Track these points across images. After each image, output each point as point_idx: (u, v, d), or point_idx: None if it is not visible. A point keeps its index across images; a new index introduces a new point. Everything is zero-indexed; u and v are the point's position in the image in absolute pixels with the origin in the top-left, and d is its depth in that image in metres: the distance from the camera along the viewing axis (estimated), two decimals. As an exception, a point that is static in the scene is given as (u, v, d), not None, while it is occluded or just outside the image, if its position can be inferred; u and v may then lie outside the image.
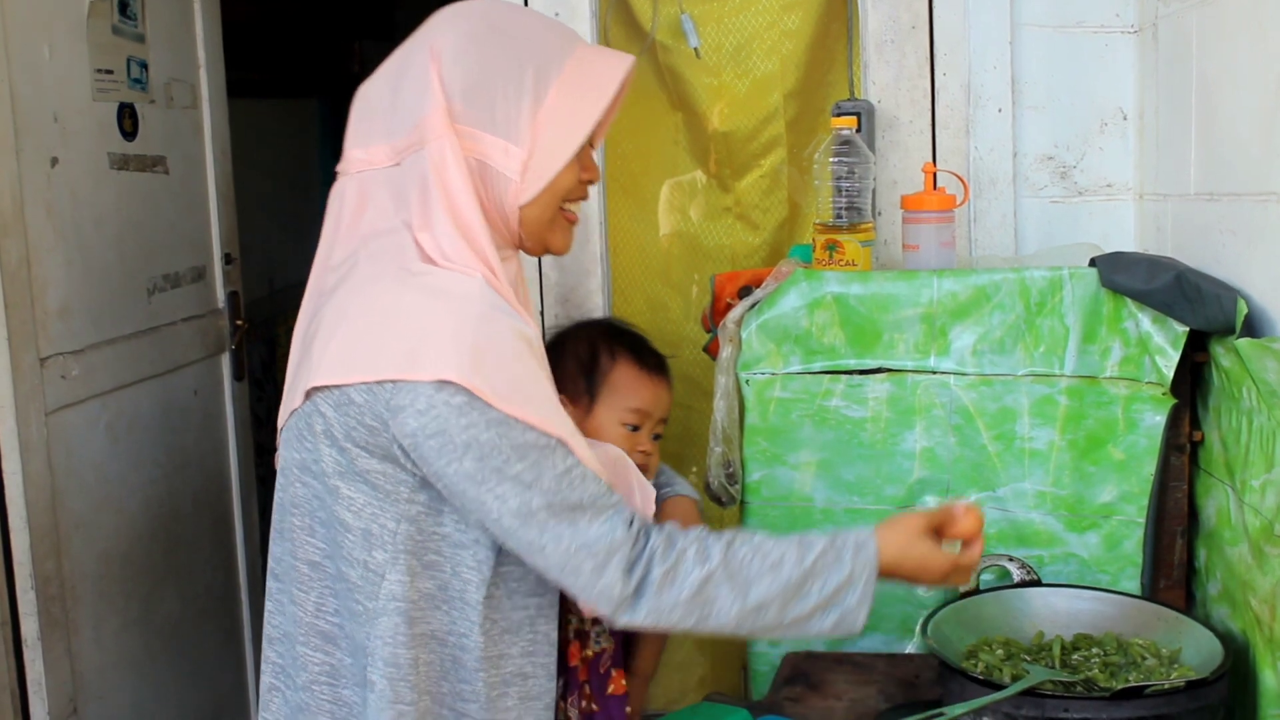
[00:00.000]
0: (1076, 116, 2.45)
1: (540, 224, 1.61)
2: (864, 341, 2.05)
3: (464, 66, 1.53)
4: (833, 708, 1.88)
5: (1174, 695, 1.57)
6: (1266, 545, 1.68)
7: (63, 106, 2.52)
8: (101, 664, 2.59)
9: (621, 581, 1.49)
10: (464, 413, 1.44)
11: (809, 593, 1.53)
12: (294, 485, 1.58)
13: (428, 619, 1.55)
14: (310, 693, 1.58)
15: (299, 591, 1.58)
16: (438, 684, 1.57)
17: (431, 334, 1.46)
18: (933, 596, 2.06)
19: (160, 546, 2.84)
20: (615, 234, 2.77)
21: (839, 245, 2.12)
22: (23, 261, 2.35)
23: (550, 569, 1.50)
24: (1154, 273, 1.91)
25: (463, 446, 1.45)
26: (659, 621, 1.52)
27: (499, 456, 1.46)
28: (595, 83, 1.57)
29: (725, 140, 2.74)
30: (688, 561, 1.51)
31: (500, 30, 1.57)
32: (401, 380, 1.45)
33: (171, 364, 2.94)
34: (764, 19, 2.66)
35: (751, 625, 1.54)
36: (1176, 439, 1.98)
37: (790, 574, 1.53)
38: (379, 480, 1.51)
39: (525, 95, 1.53)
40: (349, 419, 1.49)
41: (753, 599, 1.52)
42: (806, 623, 1.55)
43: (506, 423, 1.46)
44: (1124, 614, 1.84)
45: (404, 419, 1.45)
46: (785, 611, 1.53)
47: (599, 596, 1.49)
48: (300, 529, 1.58)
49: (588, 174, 1.65)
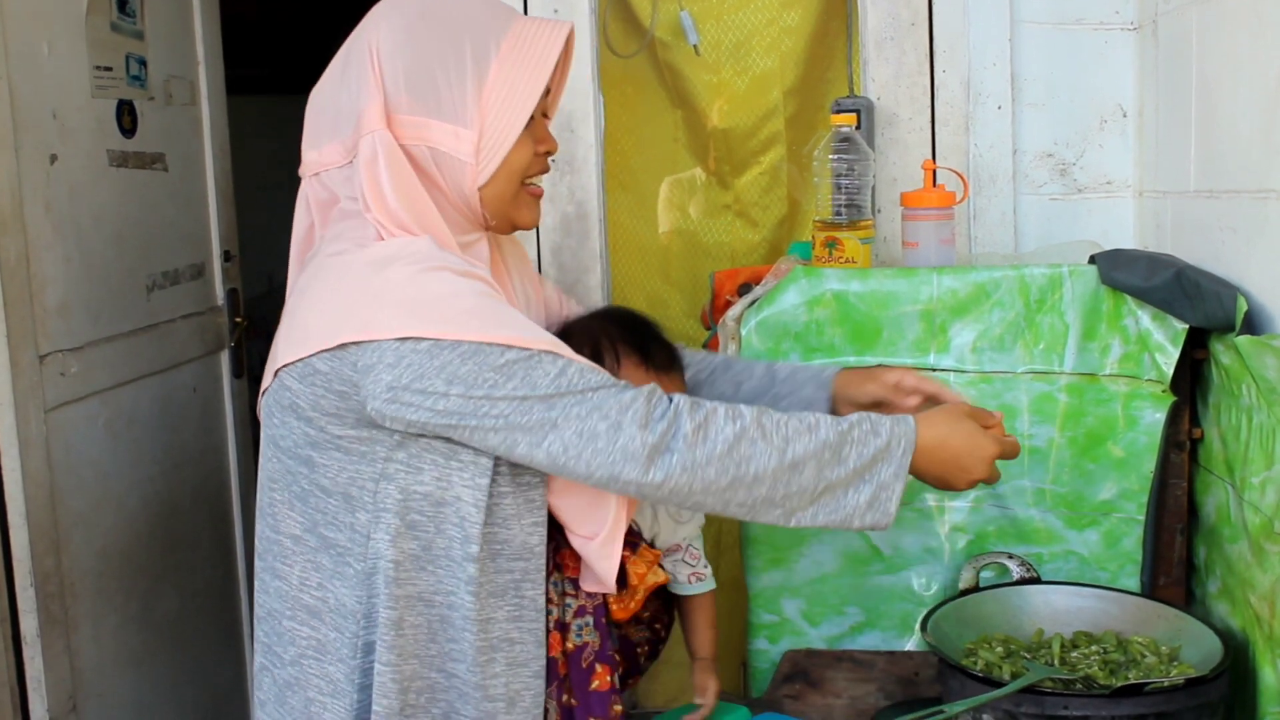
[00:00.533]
0: (1076, 113, 2.45)
1: (503, 202, 1.62)
2: (863, 339, 2.05)
3: (403, 58, 1.55)
4: (832, 705, 1.88)
5: (1173, 693, 1.57)
6: (1266, 542, 1.68)
7: (61, 103, 2.52)
8: (101, 661, 2.59)
9: (640, 434, 1.47)
10: (434, 354, 1.46)
11: (846, 458, 1.52)
12: (270, 462, 1.60)
13: (413, 580, 1.55)
14: (299, 667, 1.59)
15: (283, 566, 1.60)
16: (425, 646, 1.57)
17: (385, 293, 1.48)
18: (932, 594, 2.06)
19: (159, 543, 2.84)
20: (615, 231, 2.77)
21: (838, 242, 2.12)
22: (21, 259, 2.35)
23: (566, 452, 1.47)
24: (1154, 270, 1.91)
25: (445, 384, 1.46)
26: (693, 480, 1.48)
27: (485, 384, 1.46)
28: (535, 55, 1.58)
29: (725, 137, 2.74)
30: (719, 418, 1.51)
31: (433, 16, 1.58)
32: (364, 341, 1.47)
33: (171, 361, 2.93)
34: (763, 16, 2.66)
35: (787, 487, 1.51)
36: (1176, 436, 1.98)
37: (826, 435, 1.52)
38: (352, 444, 1.52)
39: (467, 77, 1.55)
40: (315, 389, 1.51)
41: (789, 456, 1.50)
42: (841, 494, 1.52)
43: (482, 350, 1.46)
44: (1124, 611, 1.84)
45: (377, 375, 1.46)
46: (821, 474, 1.51)
47: (621, 456, 1.47)
48: (280, 503, 1.59)
49: (544, 146, 1.65)
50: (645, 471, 1.47)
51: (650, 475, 1.47)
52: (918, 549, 2.08)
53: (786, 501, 1.52)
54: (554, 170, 2.59)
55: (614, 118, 2.74)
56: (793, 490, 1.51)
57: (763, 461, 1.49)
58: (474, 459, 1.54)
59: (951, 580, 2.04)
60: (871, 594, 2.09)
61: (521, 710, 1.61)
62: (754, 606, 2.14)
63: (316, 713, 1.58)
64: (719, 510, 1.54)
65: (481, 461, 1.54)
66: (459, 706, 1.59)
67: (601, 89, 2.64)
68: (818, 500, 1.52)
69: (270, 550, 1.61)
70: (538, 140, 1.64)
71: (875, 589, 2.09)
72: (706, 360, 1.95)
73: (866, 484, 1.53)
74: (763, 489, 1.50)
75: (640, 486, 1.49)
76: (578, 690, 1.77)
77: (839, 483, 1.52)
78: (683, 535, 1.90)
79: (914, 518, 2.07)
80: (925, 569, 2.08)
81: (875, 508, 1.54)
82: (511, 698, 1.60)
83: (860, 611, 2.10)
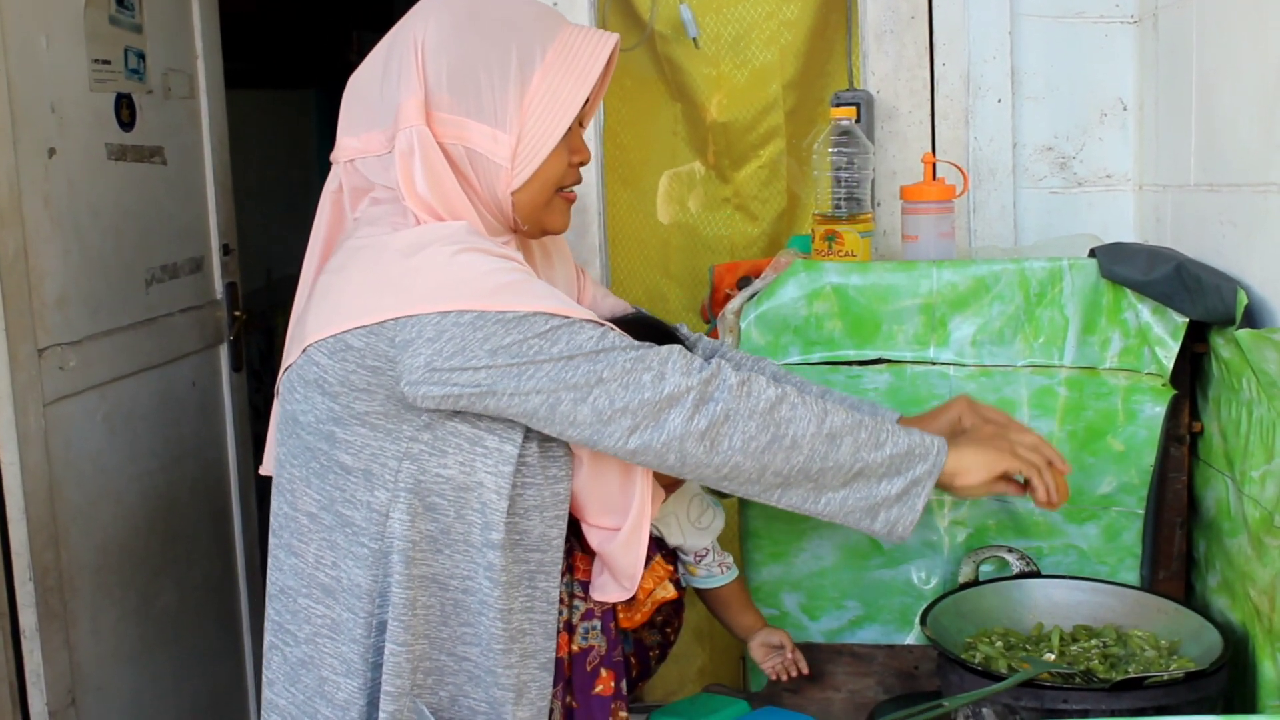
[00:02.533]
0: (1076, 107, 2.45)
1: (535, 208, 1.63)
2: (863, 332, 2.05)
3: (447, 56, 1.55)
4: (831, 699, 1.89)
5: (1173, 686, 1.57)
6: (1266, 536, 1.67)
7: (60, 97, 2.51)
8: (100, 655, 2.59)
9: (684, 379, 1.48)
10: (477, 326, 1.47)
11: (883, 442, 1.53)
12: (289, 439, 1.60)
13: (428, 561, 1.56)
14: (313, 645, 1.60)
15: (299, 543, 1.60)
16: (437, 628, 1.58)
17: (423, 270, 1.49)
18: (932, 588, 2.06)
19: (158, 537, 2.84)
20: (614, 224, 2.76)
21: (838, 236, 2.12)
22: (20, 252, 2.35)
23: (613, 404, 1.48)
24: (1154, 263, 1.91)
25: (489, 355, 1.47)
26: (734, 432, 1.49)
27: (530, 349, 1.47)
28: (580, 64, 1.58)
29: (724, 131, 2.74)
30: (761, 380, 1.53)
31: (482, 17, 1.57)
32: (403, 316, 1.47)
33: (169, 355, 2.93)
34: (763, 9, 2.66)
35: (824, 460, 1.51)
36: (1176, 430, 1.98)
37: (865, 417, 1.54)
38: (379, 421, 1.53)
39: (510, 81, 1.55)
40: (346, 364, 1.51)
41: (828, 426, 1.51)
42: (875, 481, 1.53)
43: (524, 319, 1.48)
44: (1123, 605, 1.84)
45: (415, 350, 1.47)
46: (858, 454, 1.52)
47: (667, 403, 1.48)
48: (298, 480, 1.60)
49: (578, 156, 1.66)
50: (690, 418, 1.48)
51: (695, 422, 1.48)
52: (917, 543, 2.07)
53: (821, 476, 1.53)
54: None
55: (613, 111, 2.74)
56: (829, 464, 1.52)
57: (802, 426, 1.51)
58: (499, 446, 1.55)
59: (951, 574, 2.04)
60: (871, 588, 2.09)
61: (528, 702, 1.62)
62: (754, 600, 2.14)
63: (330, 691, 1.58)
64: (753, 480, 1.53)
65: (506, 450, 1.55)
66: (468, 690, 1.60)
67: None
68: (850, 483, 1.53)
69: (287, 527, 1.62)
70: (573, 150, 1.64)
71: (875, 583, 2.09)
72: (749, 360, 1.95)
73: (900, 477, 1.54)
74: (800, 457, 1.51)
75: (684, 436, 1.48)
76: (580, 693, 1.77)
77: (873, 467, 1.53)
78: (706, 541, 1.93)
79: (913, 511, 2.07)
80: (925, 563, 2.08)
81: (904, 502, 1.55)
82: (520, 688, 1.61)
83: (860, 605, 2.10)
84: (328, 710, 1.58)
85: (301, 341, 1.55)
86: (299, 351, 1.56)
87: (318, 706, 1.59)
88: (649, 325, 1.90)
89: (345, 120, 1.64)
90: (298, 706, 1.61)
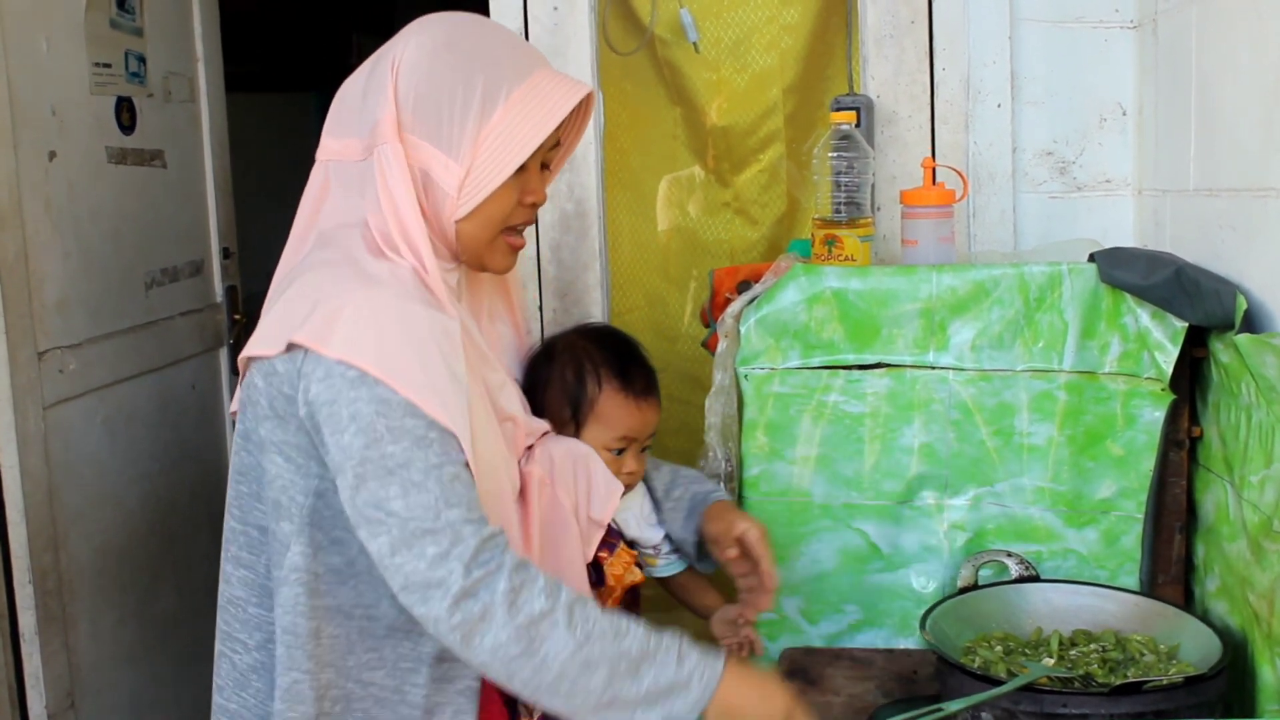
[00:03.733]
0: (1076, 111, 2.45)
1: (477, 243, 1.63)
2: (863, 337, 2.05)
3: (417, 80, 1.57)
4: (831, 703, 1.88)
5: (1172, 691, 1.57)
6: (1265, 541, 1.67)
7: (60, 100, 2.51)
8: (99, 658, 2.59)
9: (462, 573, 1.43)
10: (355, 386, 1.46)
11: (642, 676, 1.46)
12: (240, 455, 1.63)
13: (333, 593, 1.57)
14: (265, 652, 1.62)
15: (249, 555, 1.63)
16: (343, 658, 1.59)
17: (346, 312, 1.48)
18: (931, 592, 2.06)
19: (157, 540, 2.84)
20: (614, 229, 2.76)
21: (838, 240, 2.12)
22: (20, 255, 2.35)
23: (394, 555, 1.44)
24: (1153, 268, 1.91)
25: (348, 419, 1.46)
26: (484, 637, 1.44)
27: (374, 432, 1.46)
28: (544, 107, 1.58)
29: (724, 135, 2.74)
30: (536, 588, 1.46)
31: (457, 47, 1.59)
32: (312, 349, 1.48)
33: (169, 358, 2.94)
34: (763, 14, 2.66)
35: (573, 684, 1.45)
36: (1175, 434, 1.98)
37: (629, 647, 1.47)
38: (292, 453, 1.54)
39: (470, 113, 1.56)
40: (273, 389, 1.53)
41: (585, 654, 1.45)
42: (629, 711, 1.46)
43: (391, 403, 1.46)
44: (1122, 610, 1.84)
45: (308, 385, 1.48)
46: (611, 685, 1.45)
47: (436, 584, 1.43)
48: (247, 496, 1.62)
49: (532, 197, 1.65)
50: (450, 612, 1.43)
51: (453, 615, 1.43)
52: (917, 547, 2.07)
53: (571, 699, 1.47)
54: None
55: (613, 115, 2.74)
56: (578, 689, 1.46)
57: (558, 646, 1.44)
58: None
59: (950, 578, 2.04)
60: (870, 592, 2.09)
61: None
62: (753, 604, 2.14)
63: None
64: (504, 682, 1.48)
65: None
66: (374, 713, 1.61)
67: (601, 86, 2.64)
68: (604, 710, 1.47)
69: (236, 540, 1.65)
70: (526, 190, 1.64)
71: (874, 587, 2.09)
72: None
73: (656, 710, 1.47)
74: (549, 675, 1.45)
75: (437, 622, 1.45)
76: None
77: (629, 700, 1.46)
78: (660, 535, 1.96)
79: (913, 516, 2.07)
80: (924, 567, 2.08)
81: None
82: (430, 709, 1.61)
83: (859, 609, 2.10)
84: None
85: (245, 353, 1.58)
86: (244, 369, 1.59)
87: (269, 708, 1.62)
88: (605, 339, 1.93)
89: (330, 122, 1.66)
90: (250, 710, 1.64)
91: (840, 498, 2.09)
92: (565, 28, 2.57)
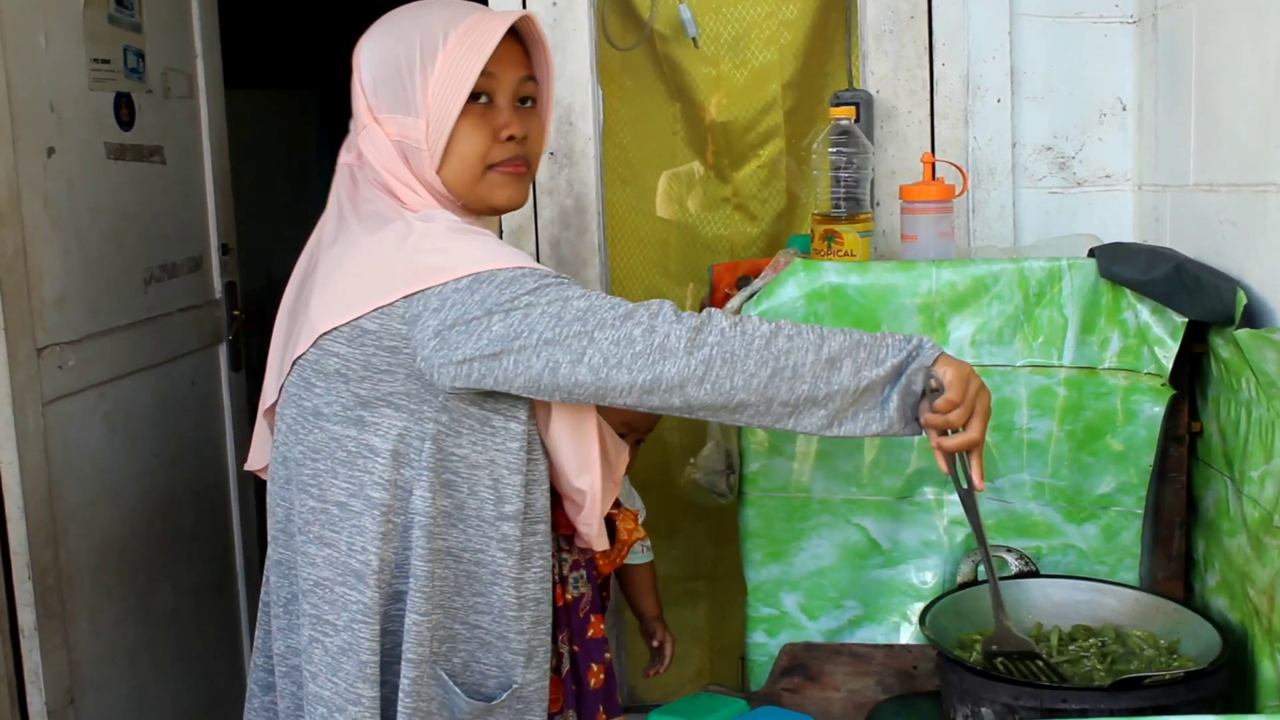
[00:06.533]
0: (1075, 107, 2.45)
1: (464, 184, 1.69)
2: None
3: (372, 63, 1.69)
4: (830, 699, 1.89)
5: (1172, 686, 1.57)
6: (1265, 536, 1.67)
7: (59, 96, 2.51)
8: (98, 654, 2.59)
9: (674, 328, 1.53)
10: (473, 289, 1.55)
11: (882, 358, 1.57)
12: (311, 434, 1.65)
13: (444, 535, 1.64)
14: (351, 632, 1.64)
15: (331, 533, 1.65)
16: (451, 599, 1.66)
17: (419, 249, 1.59)
18: (930, 588, 2.06)
19: (157, 537, 2.84)
20: (613, 224, 2.76)
21: (837, 236, 2.12)
22: (19, 252, 2.35)
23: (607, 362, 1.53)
24: (1153, 263, 1.91)
25: (485, 313, 1.54)
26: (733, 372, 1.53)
27: (522, 304, 1.54)
28: (477, 40, 1.65)
29: (723, 130, 2.74)
30: (753, 321, 1.56)
31: (397, 21, 1.70)
32: (411, 294, 1.56)
33: (168, 354, 2.93)
34: (762, 9, 2.66)
35: (828, 385, 1.55)
36: (1175, 430, 1.98)
37: (861, 337, 1.58)
38: (403, 401, 1.60)
39: (415, 69, 1.65)
40: (365, 349, 1.59)
41: (827, 351, 1.55)
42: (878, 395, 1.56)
43: (515, 278, 1.55)
44: (1122, 605, 1.84)
45: (424, 322, 1.56)
46: (859, 373, 1.55)
47: (660, 353, 1.52)
48: (324, 473, 1.65)
49: (506, 130, 1.69)
50: (686, 364, 1.52)
51: (692, 367, 1.52)
52: (916, 543, 2.07)
53: (830, 401, 1.56)
54: (552, 163, 2.59)
55: (612, 111, 2.74)
56: (834, 388, 1.55)
57: (800, 355, 1.54)
58: (505, 425, 1.64)
59: (950, 574, 2.04)
60: (870, 587, 2.09)
61: (535, 665, 1.71)
62: (752, 600, 2.14)
63: (371, 674, 1.64)
64: (762, 412, 1.57)
65: (513, 428, 1.64)
66: (479, 656, 1.69)
67: (600, 82, 2.64)
68: (860, 400, 1.56)
69: (317, 520, 1.66)
70: (500, 125, 1.68)
71: (874, 582, 2.09)
72: None
73: (901, 381, 1.58)
74: (804, 385, 1.54)
75: (684, 381, 1.53)
76: (578, 638, 1.92)
77: (878, 381, 1.57)
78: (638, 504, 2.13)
79: (913, 511, 2.07)
80: (924, 562, 2.08)
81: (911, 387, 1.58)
82: (530, 652, 1.70)
83: (859, 605, 2.10)
84: (370, 692, 1.64)
85: (311, 332, 1.61)
86: (309, 343, 1.62)
87: (360, 691, 1.63)
88: None
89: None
90: (341, 695, 1.64)
91: (840, 493, 2.09)
92: (565, 23, 2.57)
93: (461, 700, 1.66)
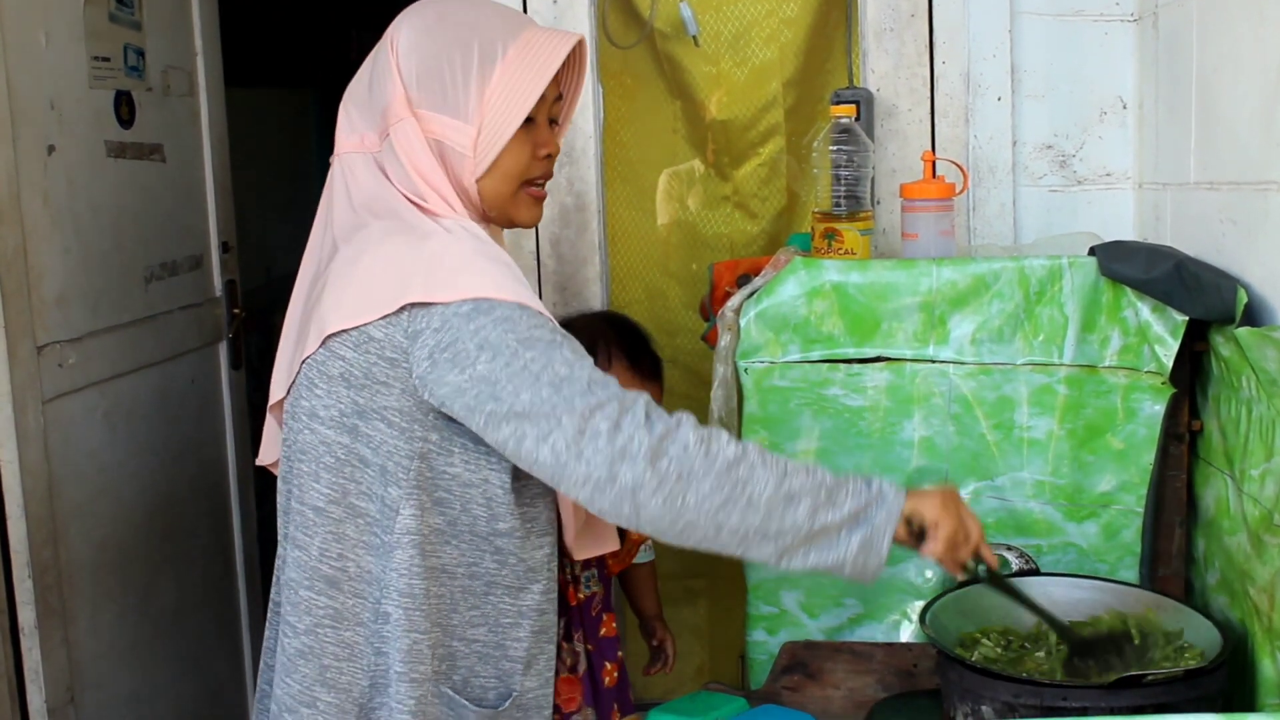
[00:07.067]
0: (1076, 105, 2.45)
1: (501, 198, 1.69)
2: (862, 330, 2.05)
3: (417, 55, 1.65)
4: (831, 697, 1.88)
5: (1173, 684, 1.57)
6: (1265, 534, 1.67)
7: (59, 94, 2.51)
8: (98, 652, 2.59)
9: (644, 430, 1.48)
10: (471, 318, 1.53)
11: (839, 502, 1.52)
12: (303, 432, 1.64)
13: (438, 553, 1.62)
14: (314, 636, 1.63)
15: (303, 536, 1.64)
16: (448, 616, 1.64)
17: (435, 261, 1.57)
18: (931, 585, 2.06)
19: (157, 535, 2.84)
20: (614, 223, 2.76)
21: (838, 234, 2.11)
22: (19, 250, 2.35)
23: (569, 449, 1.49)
24: (1153, 262, 1.91)
25: (476, 349, 1.52)
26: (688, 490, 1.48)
27: (507, 351, 1.51)
28: (539, 61, 1.65)
29: (724, 129, 2.74)
30: (722, 437, 1.52)
31: (449, 19, 1.67)
32: (419, 305, 1.54)
33: (169, 352, 2.93)
34: (763, 7, 2.66)
35: (780, 521, 1.49)
36: (1175, 428, 1.98)
37: (824, 478, 1.53)
38: (395, 418, 1.58)
39: (472, 76, 1.63)
40: (369, 356, 1.57)
41: (786, 487, 1.50)
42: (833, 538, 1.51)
43: (514, 316, 1.53)
44: (1123, 603, 1.84)
45: (423, 340, 1.54)
46: (816, 515, 1.50)
47: (621, 455, 1.47)
48: (306, 474, 1.63)
49: (545, 149, 1.71)
50: (644, 471, 1.47)
51: (648, 475, 1.47)
52: (916, 541, 2.07)
53: (780, 537, 1.51)
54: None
55: (613, 109, 2.74)
56: (786, 525, 1.50)
57: (760, 487, 1.49)
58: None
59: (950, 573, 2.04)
60: (870, 586, 2.09)
61: (535, 673, 1.70)
62: (752, 598, 2.14)
63: (331, 678, 1.63)
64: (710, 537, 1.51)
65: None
66: (479, 669, 1.67)
67: (601, 80, 2.64)
68: (811, 540, 1.52)
69: (293, 520, 1.65)
70: (540, 143, 1.70)
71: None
72: None
73: (858, 529, 1.52)
74: (756, 517, 1.49)
75: (636, 489, 1.48)
76: (591, 637, 1.96)
77: (834, 525, 1.52)
78: None
79: (913, 509, 2.07)
80: (924, 561, 2.07)
81: (867, 548, 1.53)
82: (529, 660, 1.69)
83: (859, 603, 2.10)
84: (328, 696, 1.62)
85: (321, 332, 1.60)
86: (318, 343, 1.60)
87: (317, 694, 1.63)
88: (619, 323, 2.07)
89: (343, 123, 1.72)
90: (293, 696, 1.64)
91: (840, 491, 2.08)
92: (565, 21, 2.57)
93: (470, 712, 1.65)
